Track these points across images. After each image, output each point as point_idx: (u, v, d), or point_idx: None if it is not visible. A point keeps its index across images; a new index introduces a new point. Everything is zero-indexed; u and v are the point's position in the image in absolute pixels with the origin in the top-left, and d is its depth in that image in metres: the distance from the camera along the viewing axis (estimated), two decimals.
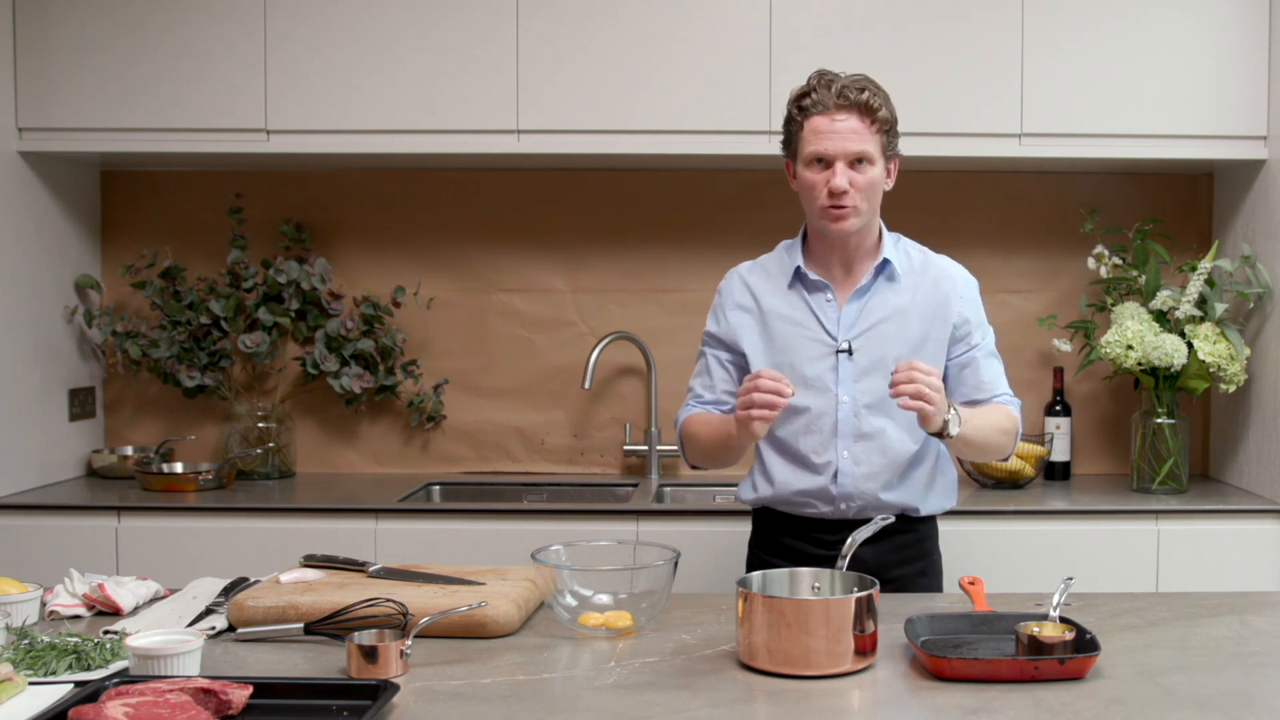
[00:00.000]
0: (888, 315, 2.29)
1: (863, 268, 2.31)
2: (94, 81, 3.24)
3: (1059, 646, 1.69)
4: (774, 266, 2.36)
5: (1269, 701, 1.61)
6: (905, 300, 2.30)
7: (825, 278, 2.31)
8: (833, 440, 2.27)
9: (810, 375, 2.27)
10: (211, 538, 3.09)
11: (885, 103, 2.22)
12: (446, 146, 3.25)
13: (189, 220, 3.64)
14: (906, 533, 2.34)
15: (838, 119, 2.19)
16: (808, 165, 2.23)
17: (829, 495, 2.29)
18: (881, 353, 2.26)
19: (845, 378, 2.27)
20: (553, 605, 1.90)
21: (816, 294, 2.31)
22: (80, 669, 1.67)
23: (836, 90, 2.19)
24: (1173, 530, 3.07)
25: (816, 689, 1.63)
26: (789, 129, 2.28)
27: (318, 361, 3.48)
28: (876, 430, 2.27)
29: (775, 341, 2.30)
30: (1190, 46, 3.21)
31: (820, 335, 2.29)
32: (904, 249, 2.36)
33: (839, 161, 2.19)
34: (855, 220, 2.23)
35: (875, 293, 2.30)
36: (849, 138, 2.19)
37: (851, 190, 2.20)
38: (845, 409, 2.27)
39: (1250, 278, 3.23)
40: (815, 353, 2.28)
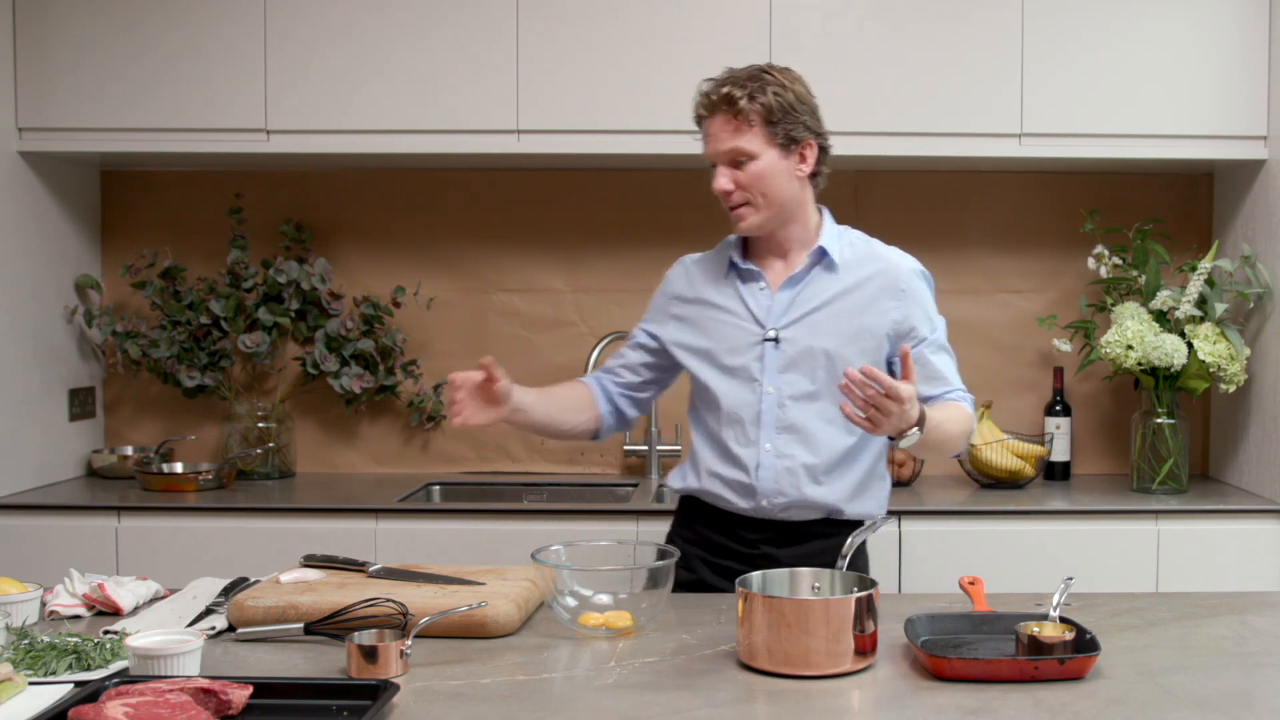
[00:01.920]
0: (821, 304, 2.21)
1: (799, 257, 2.25)
2: (94, 81, 3.24)
3: (1059, 646, 1.69)
4: (715, 259, 2.33)
5: (1269, 701, 1.61)
6: (843, 289, 2.22)
7: (762, 267, 2.26)
8: (756, 431, 2.21)
9: (735, 364, 2.22)
10: (211, 538, 3.09)
11: (757, 91, 2.14)
12: (446, 146, 3.25)
13: (189, 220, 3.65)
14: (830, 536, 2.22)
15: (709, 123, 2.18)
16: (711, 169, 2.21)
17: (750, 489, 2.21)
18: (812, 343, 2.20)
19: (771, 367, 2.20)
20: (553, 605, 1.90)
21: (750, 282, 2.26)
22: (80, 669, 1.67)
23: (704, 92, 2.18)
24: (1173, 530, 3.07)
25: (816, 689, 1.63)
26: None
27: (318, 361, 3.48)
28: (802, 423, 2.20)
29: (703, 331, 2.27)
30: (1190, 46, 3.21)
31: (747, 323, 2.23)
32: (848, 239, 2.30)
33: (718, 163, 2.18)
34: (754, 217, 2.18)
35: (810, 281, 2.23)
36: (719, 138, 2.16)
37: (737, 189, 2.16)
38: (770, 400, 2.20)
39: (1250, 278, 3.23)
40: (741, 341, 2.23)
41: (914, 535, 3.06)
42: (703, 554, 2.29)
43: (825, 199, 2.41)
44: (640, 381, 2.38)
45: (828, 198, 3.88)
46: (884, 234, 3.84)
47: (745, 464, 2.21)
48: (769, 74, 2.17)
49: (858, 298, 2.22)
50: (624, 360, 2.38)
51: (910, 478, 3.42)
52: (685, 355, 2.30)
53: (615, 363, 2.39)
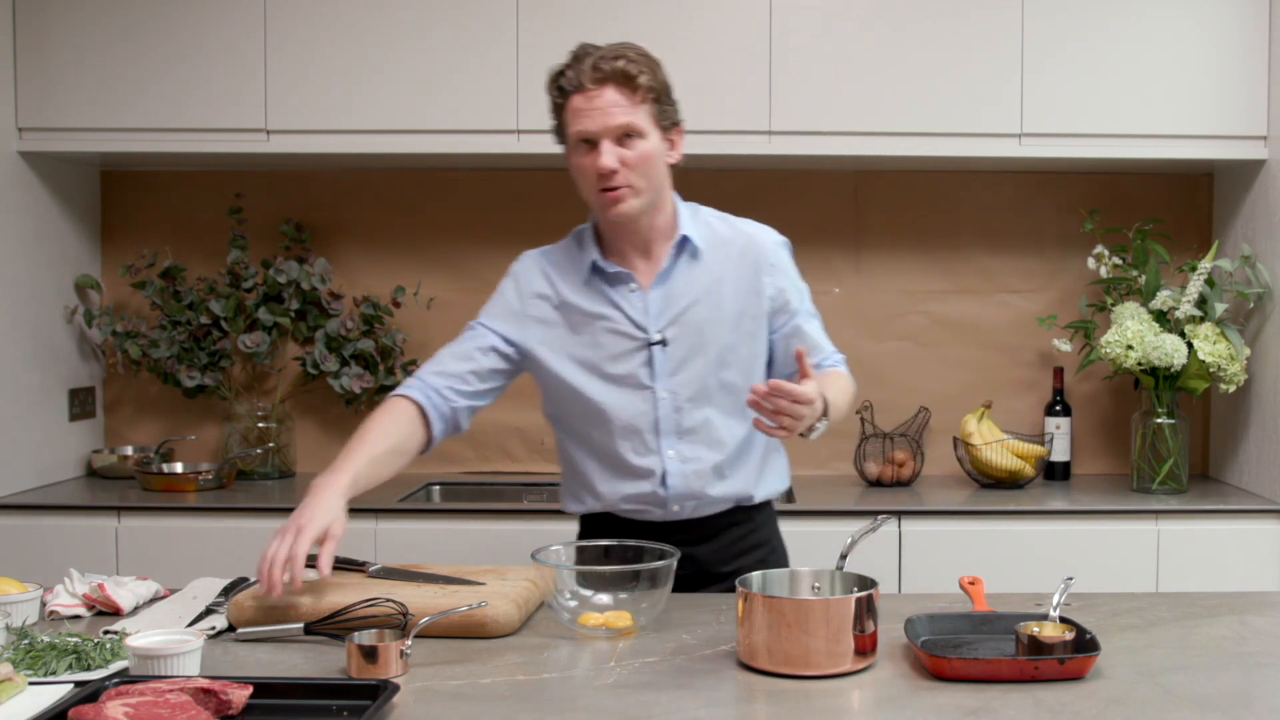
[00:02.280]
0: (697, 296, 2.11)
1: (662, 249, 2.12)
2: (94, 81, 3.24)
3: (1059, 646, 1.69)
4: (566, 260, 2.17)
5: (1269, 701, 1.61)
6: (713, 277, 2.12)
7: (625, 267, 2.12)
8: (656, 440, 2.12)
9: (621, 373, 2.10)
10: (211, 538, 3.09)
11: (648, 69, 2.04)
12: (446, 146, 3.25)
13: (189, 220, 3.65)
14: (741, 524, 2.20)
15: (595, 94, 2.01)
16: (575, 149, 2.05)
17: (660, 499, 2.13)
18: (697, 338, 2.10)
19: (661, 371, 2.10)
20: (553, 605, 1.90)
21: (619, 286, 2.12)
22: (80, 669, 1.67)
23: (591, 64, 2.02)
24: (1173, 530, 3.07)
25: (816, 689, 1.63)
26: (555, 115, 2.10)
27: (318, 361, 3.48)
28: (701, 423, 2.12)
29: (576, 340, 2.12)
30: (1190, 46, 3.21)
31: (628, 329, 2.11)
32: (704, 220, 2.17)
33: (604, 139, 2.01)
34: (634, 201, 2.04)
35: (679, 274, 2.12)
36: (610, 111, 2.00)
37: (622, 169, 2.01)
38: (665, 405, 2.10)
39: (1250, 278, 3.23)
40: (624, 348, 2.10)
41: (914, 535, 3.06)
42: None
43: (825, 198, 2.41)
44: (487, 389, 2.18)
45: (827, 196, 3.86)
46: (884, 234, 3.86)
47: (651, 475, 2.12)
48: (648, 54, 2.07)
49: (730, 282, 2.12)
50: (474, 365, 2.16)
51: (910, 478, 3.42)
52: (557, 364, 2.14)
53: (462, 367, 2.15)
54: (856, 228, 3.61)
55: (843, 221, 3.61)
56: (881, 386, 3.59)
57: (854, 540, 1.88)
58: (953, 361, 3.63)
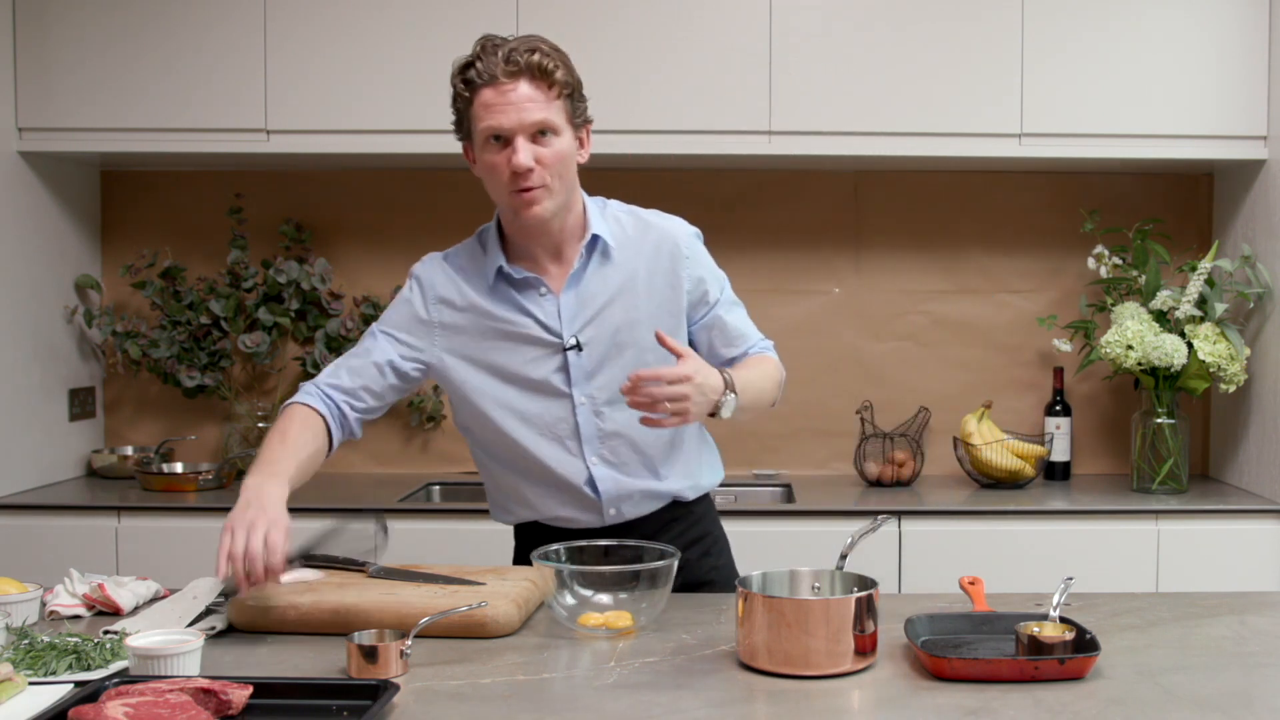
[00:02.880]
0: (611, 297, 2.04)
1: (572, 250, 2.04)
2: (94, 81, 3.24)
3: (1059, 646, 1.69)
4: (470, 264, 2.07)
5: (1269, 701, 1.61)
6: (626, 275, 2.05)
7: (533, 270, 2.04)
8: (578, 446, 2.06)
9: (537, 379, 2.04)
10: (211, 538, 3.04)
11: (562, 63, 1.96)
12: (446, 146, 3.20)
13: (189, 220, 3.65)
14: (681, 519, 2.16)
15: (509, 88, 1.92)
16: (484, 145, 1.95)
17: (591, 504, 2.09)
18: (614, 340, 2.04)
19: (578, 377, 2.04)
20: (552, 605, 1.90)
21: (528, 291, 2.04)
22: (80, 669, 1.67)
23: (504, 55, 1.92)
24: (1173, 530, 3.07)
25: (816, 689, 1.63)
26: (458, 108, 2.00)
27: (318, 361, 3.48)
28: (624, 425, 2.05)
29: (486, 348, 2.04)
30: (1190, 46, 3.21)
31: (539, 334, 2.03)
32: (613, 216, 2.09)
33: (518, 136, 1.92)
34: (549, 202, 1.96)
35: (591, 275, 2.04)
36: (525, 107, 1.91)
37: (538, 167, 1.93)
38: (584, 410, 2.05)
39: (1250, 278, 3.23)
40: (536, 354, 2.03)
41: (914, 535, 3.06)
42: None
43: (825, 198, 2.40)
44: (381, 406, 2.10)
45: (827, 197, 3.86)
46: (884, 234, 3.85)
47: (576, 482, 2.08)
48: (559, 48, 1.99)
49: (643, 278, 2.06)
50: (368, 382, 2.06)
51: (910, 478, 3.42)
52: (468, 374, 2.06)
53: (355, 382, 2.06)
54: (856, 228, 3.61)
55: (843, 221, 3.61)
56: (881, 386, 3.60)
57: (854, 540, 1.88)
58: (953, 361, 3.63)
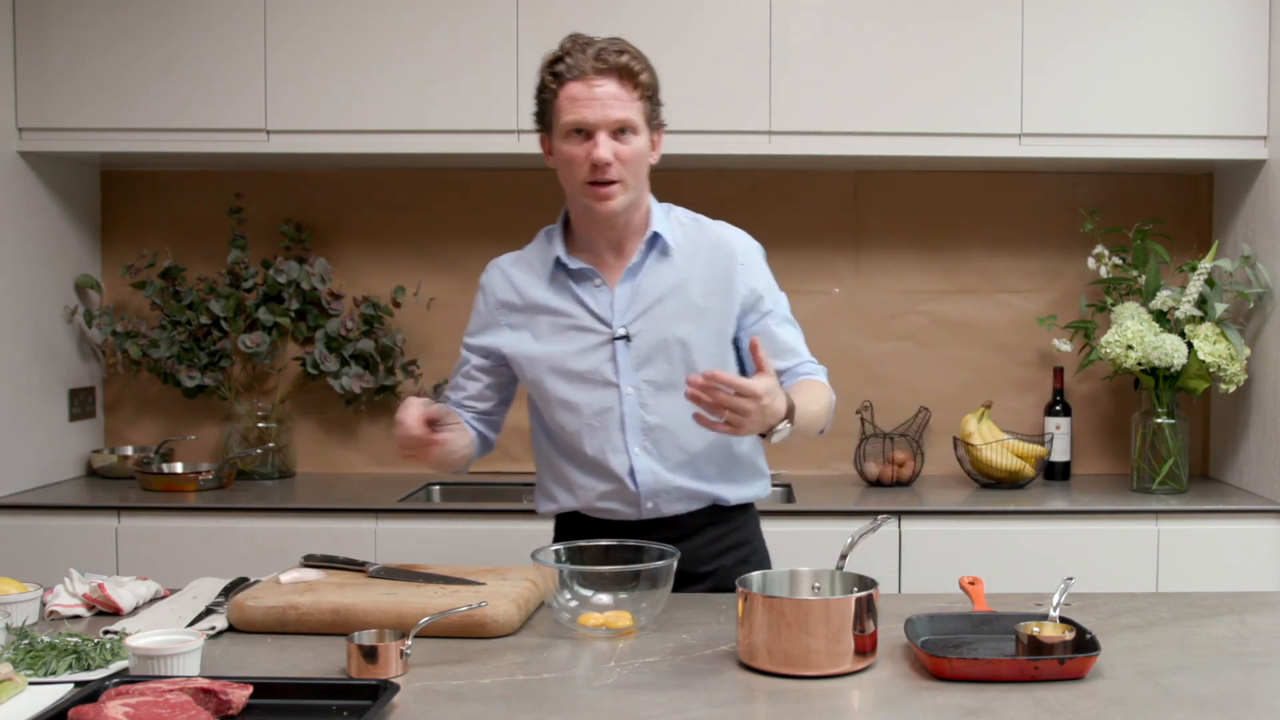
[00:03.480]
0: (665, 293, 2.09)
1: (633, 246, 2.11)
2: (94, 81, 3.24)
3: (1059, 646, 1.69)
4: (535, 258, 2.17)
5: (1269, 701, 1.61)
6: (682, 275, 2.10)
7: (592, 263, 2.11)
8: (622, 437, 2.10)
9: (584, 369, 2.09)
10: (211, 538, 3.09)
11: (647, 66, 2.04)
12: (446, 146, 3.25)
13: (189, 220, 3.65)
14: (719, 524, 2.18)
15: (596, 84, 2.00)
16: (566, 137, 2.03)
17: (631, 496, 2.12)
18: (663, 334, 2.08)
19: (625, 367, 2.08)
20: (552, 605, 1.90)
21: (584, 282, 2.11)
22: (80, 669, 1.67)
23: (594, 53, 2.00)
24: (1173, 530, 3.07)
25: (816, 689, 1.63)
26: (543, 99, 2.07)
27: (318, 361, 3.48)
28: (668, 419, 2.09)
29: (541, 338, 2.12)
30: (1190, 46, 3.21)
31: (592, 324, 2.10)
32: (676, 219, 2.16)
33: (600, 131, 2.00)
34: (622, 198, 2.03)
35: (648, 271, 2.11)
36: (610, 104, 1.99)
37: (616, 162, 2.00)
38: (630, 400, 2.09)
39: (1250, 278, 3.23)
40: (587, 344, 2.09)
41: (914, 535, 3.06)
42: None
43: (825, 198, 2.41)
44: (490, 407, 2.23)
45: (827, 197, 3.87)
46: (884, 234, 3.85)
47: (619, 472, 2.11)
48: (642, 53, 2.07)
49: (699, 280, 2.11)
50: (466, 392, 2.22)
51: (910, 478, 3.42)
52: (527, 366, 2.15)
53: (458, 395, 2.22)
54: (856, 228, 3.61)
55: (843, 221, 3.61)
56: (881, 386, 3.60)
57: (854, 540, 1.88)
58: (953, 361, 3.63)
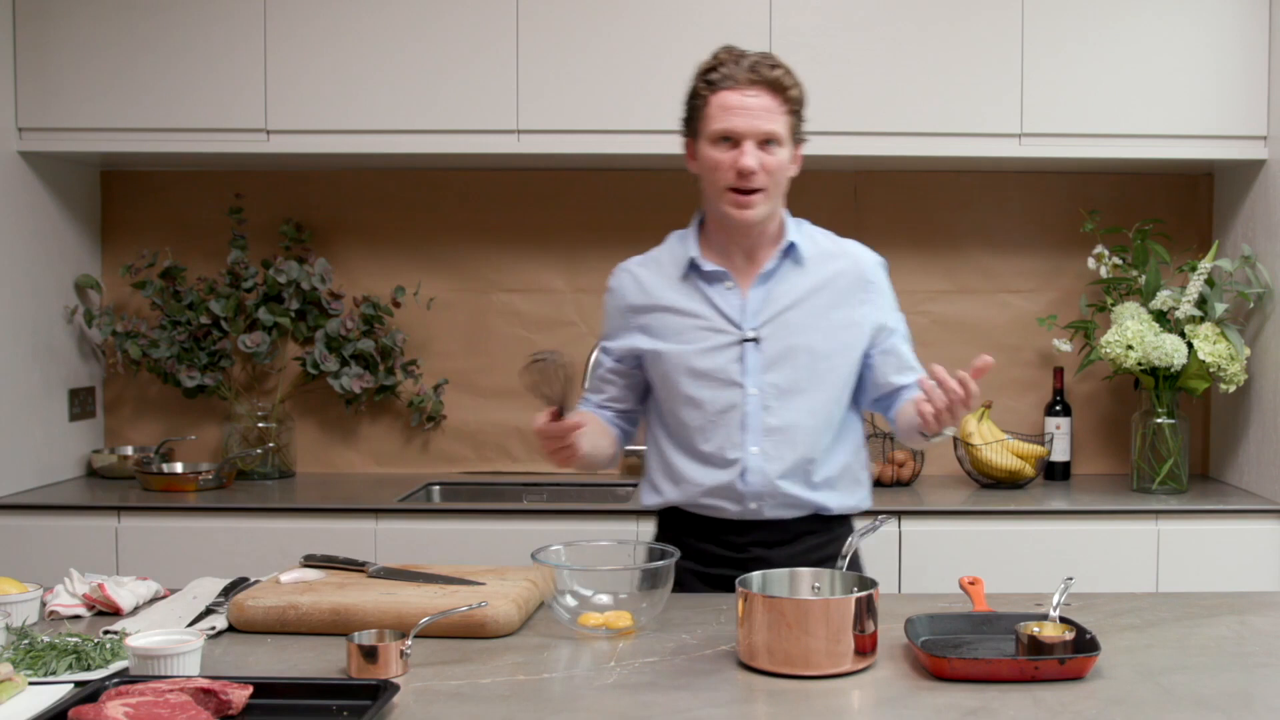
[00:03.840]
0: (796, 300, 2.16)
1: (766, 254, 2.18)
2: (94, 81, 3.24)
3: (1059, 646, 1.69)
4: (666, 258, 2.24)
5: (1269, 701, 1.61)
6: (814, 284, 2.18)
7: (724, 266, 2.18)
8: (740, 435, 2.15)
9: (711, 368, 2.15)
10: (211, 538, 3.09)
11: (797, 83, 2.12)
12: (446, 146, 3.25)
13: (189, 220, 3.65)
14: (817, 533, 2.21)
15: (749, 95, 2.07)
16: (713, 143, 2.10)
17: (737, 494, 2.16)
18: (792, 341, 2.15)
19: (753, 368, 2.14)
20: (552, 605, 1.90)
21: (715, 284, 2.18)
22: (80, 669, 1.67)
23: (748, 65, 2.07)
24: (1173, 530, 3.07)
25: (816, 689, 1.63)
26: (693, 104, 2.14)
27: (318, 361, 3.48)
28: (788, 423, 2.15)
29: (673, 338, 2.18)
30: (1190, 47, 3.21)
31: (722, 325, 2.16)
32: (808, 233, 2.24)
33: (748, 140, 2.07)
34: (762, 207, 2.10)
35: (782, 278, 2.18)
36: (760, 115, 2.07)
37: (760, 171, 2.07)
38: (753, 401, 2.14)
39: (1250, 278, 3.23)
40: (715, 343, 2.15)
41: (914, 535, 3.06)
42: (693, 565, 2.21)
43: (825, 198, 2.43)
44: (629, 406, 2.31)
45: (829, 197, 3.88)
46: (884, 234, 3.86)
47: (731, 469, 2.16)
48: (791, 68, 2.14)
49: (829, 293, 2.18)
50: (605, 394, 2.30)
51: (910, 478, 3.42)
52: (655, 363, 2.21)
53: (598, 398, 2.30)
54: (856, 228, 3.61)
55: (843, 221, 3.57)
56: None
57: (854, 540, 1.88)
58: (953, 361, 3.58)
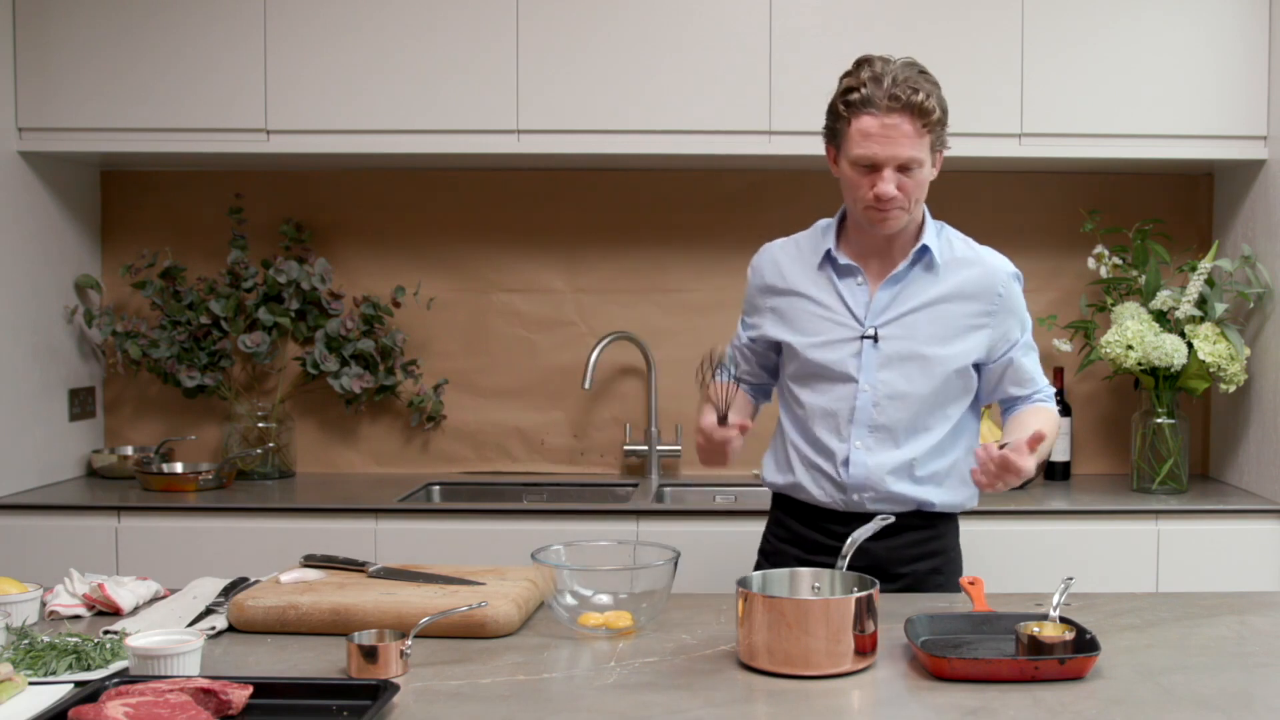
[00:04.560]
0: (922, 304, 2.19)
1: (900, 255, 2.21)
2: (94, 81, 3.24)
3: (1059, 646, 1.70)
4: (807, 245, 2.28)
5: (1269, 701, 1.61)
6: (943, 291, 2.20)
7: (858, 262, 2.22)
8: (848, 428, 2.19)
9: (829, 359, 2.20)
10: (211, 538, 3.09)
11: (938, 99, 2.12)
12: (446, 146, 3.25)
13: (189, 220, 3.65)
14: (920, 529, 2.25)
15: (889, 121, 2.07)
16: (853, 165, 2.12)
17: (839, 483, 2.21)
18: (911, 343, 2.18)
19: (869, 365, 2.18)
20: (552, 605, 1.90)
21: (846, 278, 2.22)
22: (80, 669, 1.67)
23: (887, 88, 2.06)
24: (1173, 530, 3.07)
25: (816, 689, 1.63)
26: (834, 121, 2.16)
27: (318, 361, 3.48)
28: (895, 422, 2.19)
29: (797, 324, 2.24)
30: (1190, 47, 3.21)
31: (845, 319, 2.20)
32: (947, 238, 2.26)
33: (887, 168, 2.09)
34: (902, 220, 2.15)
35: (911, 280, 2.20)
36: (900, 143, 2.07)
37: (899, 194, 2.10)
38: (864, 397, 2.18)
39: (1250, 278, 3.23)
40: (838, 336, 2.20)
41: None
42: (797, 551, 2.29)
43: (825, 198, 2.42)
44: (763, 380, 2.39)
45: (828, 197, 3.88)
46: None
47: (835, 459, 2.21)
48: (932, 78, 2.14)
49: (957, 300, 2.20)
50: (741, 367, 2.37)
51: None
52: (785, 346, 2.27)
53: (734, 370, 2.36)
54: None
55: None
56: None
57: (853, 540, 1.88)
58: None
